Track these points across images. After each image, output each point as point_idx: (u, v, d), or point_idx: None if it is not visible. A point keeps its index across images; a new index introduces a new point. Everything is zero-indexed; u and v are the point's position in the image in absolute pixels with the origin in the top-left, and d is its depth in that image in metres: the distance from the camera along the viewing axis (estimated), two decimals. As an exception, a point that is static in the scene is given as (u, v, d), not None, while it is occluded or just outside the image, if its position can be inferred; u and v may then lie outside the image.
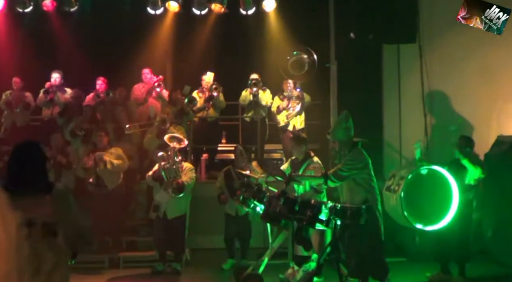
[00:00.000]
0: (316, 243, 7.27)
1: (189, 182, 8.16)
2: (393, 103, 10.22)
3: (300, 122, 10.41)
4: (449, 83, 9.91)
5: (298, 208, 6.05)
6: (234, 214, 8.36)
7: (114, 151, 8.61)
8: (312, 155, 7.72)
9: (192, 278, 8.05)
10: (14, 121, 10.41)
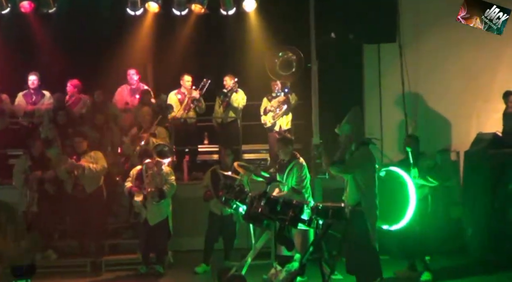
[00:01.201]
0: (299, 242, 7.29)
1: (169, 188, 8.15)
2: (374, 102, 10.28)
3: (287, 123, 10.39)
4: (430, 82, 10.00)
5: (280, 208, 6.06)
6: (219, 213, 8.33)
7: (93, 154, 8.53)
8: (298, 156, 7.73)
9: (174, 281, 8.02)
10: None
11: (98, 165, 8.42)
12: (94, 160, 8.45)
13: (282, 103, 10.27)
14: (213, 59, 11.23)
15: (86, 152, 8.51)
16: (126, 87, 10.58)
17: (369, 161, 6.43)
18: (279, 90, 10.33)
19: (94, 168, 8.37)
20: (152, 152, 8.30)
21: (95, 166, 8.39)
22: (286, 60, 9.91)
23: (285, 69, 9.89)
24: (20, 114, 10.32)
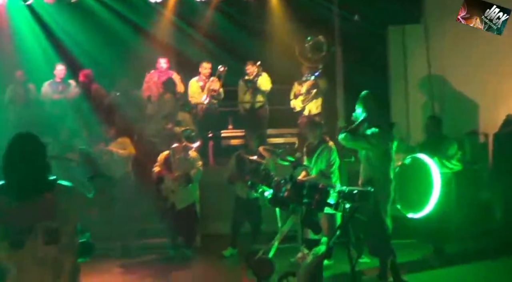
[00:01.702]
0: (326, 226, 7.31)
1: (196, 173, 8.21)
2: (400, 85, 10.19)
3: (316, 107, 10.35)
4: (457, 64, 9.85)
5: (306, 191, 6.06)
6: (244, 197, 8.38)
7: (121, 141, 8.68)
8: (327, 139, 7.71)
9: (203, 264, 8.13)
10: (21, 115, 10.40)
11: (125, 151, 8.54)
12: (121, 146, 8.58)
13: (311, 87, 10.23)
14: (236, 45, 11.22)
15: (114, 139, 8.63)
16: (155, 74, 10.63)
17: (383, 139, 6.43)
18: (309, 75, 10.27)
19: (122, 153, 8.49)
20: (180, 136, 8.37)
21: (123, 151, 8.51)
22: (317, 43, 9.86)
23: (316, 53, 9.85)
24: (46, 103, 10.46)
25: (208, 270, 7.78)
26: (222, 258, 8.29)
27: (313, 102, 10.30)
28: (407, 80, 10.11)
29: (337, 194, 5.95)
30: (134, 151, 8.74)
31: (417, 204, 6.69)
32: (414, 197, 6.69)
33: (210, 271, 7.72)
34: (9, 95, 10.35)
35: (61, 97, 10.35)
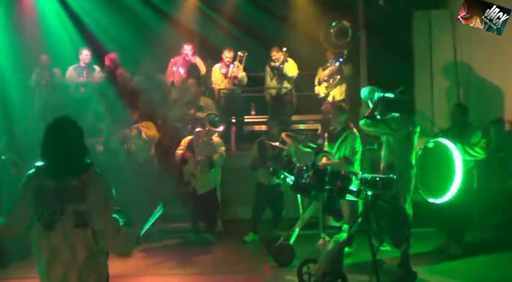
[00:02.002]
0: (347, 213, 7.29)
1: (218, 157, 8.22)
2: (425, 71, 10.04)
3: (341, 93, 10.29)
4: (483, 50, 9.64)
5: (328, 178, 6.05)
6: (266, 183, 8.39)
7: (145, 124, 8.75)
8: (351, 126, 7.67)
9: (224, 249, 8.16)
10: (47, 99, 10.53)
11: (150, 132, 8.62)
12: (146, 129, 8.65)
13: (335, 73, 10.16)
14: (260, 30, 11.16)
15: (137, 122, 8.70)
16: (179, 60, 10.65)
17: (403, 123, 6.40)
18: (333, 60, 10.20)
19: (149, 134, 8.56)
20: (204, 121, 8.39)
21: (148, 132, 8.58)
22: (342, 28, 9.78)
23: (341, 38, 9.76)
24: (71, 87, 10.55)
25: (229, 255, 7.82)
26: (243, 243, 8.34)
27: (337, 88, 10.24)
28: (432, 66, 9.96)
29: (359, 181, 5.93)
30: (157, 135, 8.79)
31: (438, 189, 6.63)
32: (436, 182, 6.64)
33: (231, 256, 7.76)
34: (35, 79, 10.47)
35: (86, 82, 10.44)
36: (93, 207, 3.48)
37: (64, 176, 3.48)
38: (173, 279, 6.74)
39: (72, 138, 3.58)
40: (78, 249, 3.47)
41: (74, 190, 3.45)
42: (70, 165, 3.51)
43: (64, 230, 3.45)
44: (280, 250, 7.08)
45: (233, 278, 6.75)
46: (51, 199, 3.45)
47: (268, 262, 7.25)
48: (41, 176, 3.50)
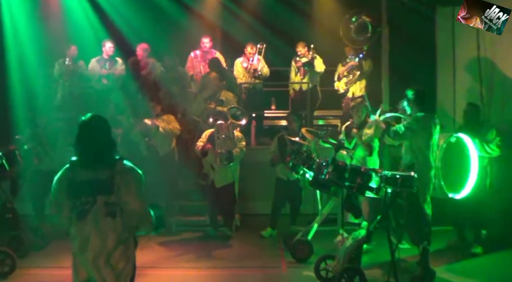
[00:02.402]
0: (366, 210, 7.26)
1: (238, 152, 8.24)
2: (447, 68, 9.92)
3: (360, 89, 10.26)
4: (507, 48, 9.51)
5: (348, 175, 6.02)
6: (285, 178, 8.39)
7: (166, 118, 8.79)
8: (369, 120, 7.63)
9: (241, 243, 8.18)
10: (70, 90, 10.62)
11: (170, 126, 8.66)
12: (167, 123, 8.70)
13: (354, 68, 10.12)
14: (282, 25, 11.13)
15: (159, 115, 8.75)
16: (198, 53, 10.67)
17: (426, 124, 6.34)
18: (353, 56, 10.16)
19: (167, 127, 8.61)
20: (226, 114, 8.40)
21: (169, 126, 8.63)
22: (362, 24, 9.72)
23: (361, 34, 9.70)
24: (94, 79, 10.64)
25: (246, 250, 7.84)
26: (261, 238, 8.35)
27: (357, 84, 10.21)
28: (455, 63, 9.83)
29: (379, 178, 5.90)
30: (178, 128, 8.83)
31: (457, 184, 6.65)
32: (456, 177, 6.65)
33: (248, 251, 7.78)
34: (58, 69, 10.55)
35: (108, 74, 10.50)
36: (123, 198, 3.78)
37: (95, 170, 3.80)
38: (191, 272, 6.77)
39: (102, 136, 3.91)
40: (108, 237, 3.77)
41: (105, 183, 3.77)
42: (100, 160, 3.83)
43: (95, 219, 3.76)
44: (298, 246, 7.08)
45: (250, 273, 6.76)
46: (84, 191, 3.78)
47: (285, 257, 7.26)
48: (75, 170, 3.84)
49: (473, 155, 6.83)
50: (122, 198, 3.79)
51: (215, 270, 6.87)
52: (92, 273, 3.82)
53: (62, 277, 6.53)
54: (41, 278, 6.53)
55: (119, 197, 3.78)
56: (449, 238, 7.76)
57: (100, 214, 3.76)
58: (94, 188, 3.77)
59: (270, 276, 6.68)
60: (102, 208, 3.76)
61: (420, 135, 6.35)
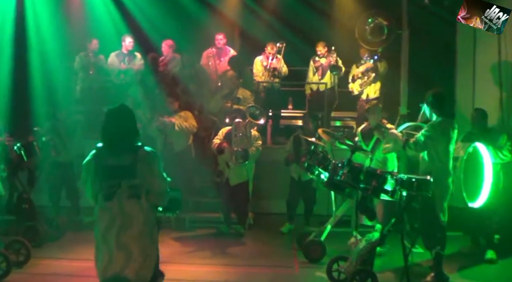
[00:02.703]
0: (381, 213, 7.23)
1: (254, 151, 8.26)
2: (467, 71, 9.82)
3: (375, 91, 10.25)
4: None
5: (363, 177, 6.00)
6: (297, 178, 8.40)
7: (183, 114, 8.84)
8: (385, 123, 7.59)
9: (254, 241, 8.20)
10: (90, 83, 10.71)
11: (187, 123, 8.70)
12: (184, 119, 8.74)
13: (370, 70, 10.10)
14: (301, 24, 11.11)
15: (176, 112, 8.79)
16: (212, 51, 10.70)
17: (442, 133, 6.25)
18: (368, 58, 10.14)
19: (184, 125, 8.65)
20: (245, 113, 8.41)
21: (185, 124, 8.67)
22: (378, 26, 9.69)
23: (376, 36, 9.67)
24: (113, 73, 10.70)
25: (259, 248, 7.86)
26: (274, 237, 8.36)
27: (372, 86, 10.19)
28: (475, 67, 9.73)
29: (394, 181, 5.87)
30: (195, 125, 8.87)
31: (474, 193, 6.60)
32: (473, 186, 6.60)
33: (261, 250, 7.80)
34: (79, 62, 10.62)
35: (127, 68, 10.58)
36: (145, 181, 4.12)
37: (120, 156, 4.13)
38: (204, 269, 6.81)
39: (127, 124, 4.22)
40: (132, 217, 4.09)
41: (128, 167, 4.10)
42: (124, 147, 4.16)
43: (120, 201, 4.09)
44: (311, 246, 7.08)
45: (263, 272, 6.78)
46: (110, 175, 4.12)
47: (298, 257, 7.26)
48: (101, 155, 4.16)
49: (488, 163, 6.77)
50: (145, 180, 4.11)
51: (228, 267, 6.90)
52: (116, 257, 4.06)
53: (76, 269, 6.64)
54: (55, 269, 6.60)
55: (142, 180, 4.11)
56: (462, 243, 7.70)
57: (125, 196, 4.08)
58: (118, 172, 4.10)
59: (282, 275, 6.69)
60: (127, 191, 4.08)
61: (438, 141, 6.27)
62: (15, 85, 10.44)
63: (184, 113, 8.89)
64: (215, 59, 10.57)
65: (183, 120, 8.75)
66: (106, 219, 4.12)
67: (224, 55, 10.56)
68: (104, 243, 4.10)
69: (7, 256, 6.18)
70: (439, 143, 6.23)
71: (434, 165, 6.21)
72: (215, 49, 10.63)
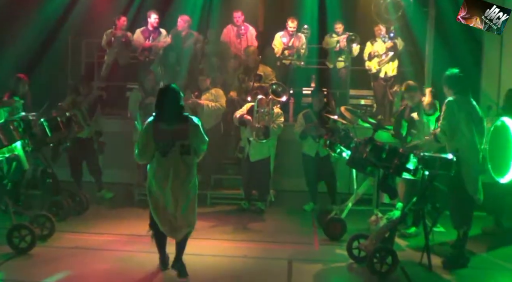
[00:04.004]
0: (402, 192, 7.19)
1: (276, 128, 8.23)
2: (494, 53, 9.67)
3: (392, 69, 10.16)
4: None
5: (385, 155, 5.97)
6: (312, 155, 8.37)
7: (214, 92, 8.87)
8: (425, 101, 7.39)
9: (275, 218, 8.23)
10: (116, 59, 10.74)
11: (217, 103, 8.72)
12: (214, 98, 8.77)
13: (389, 49, 9.99)
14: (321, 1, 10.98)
15: (208, 89, 8.81)
16: (232, 28, 10.65)
17: (459, 110, 6.11)
18: (384, 35, 10.04)
19: (212, 106, 8.66)
20: (267, 90, 8.38)
21: (214, 104, 8.68)
22: (393, 3, 9.56)
23: (392, 12, 9.56)
24: (138, 50, 10.72)
25: (279, 225, 7.89)
26: (295, 214, 8.39)
27: (390, 64, 10.08)
28: (502, 46, 9.57)
29: (417, 160, 5.83)
30: (225, 105, 8.86)
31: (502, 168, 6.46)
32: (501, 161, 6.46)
33: (281, 226, 7.83)
34: (107, 40, 10.65)
35: (151, 46, 10.57)
36: (192, 141, 5.42)
37: (173, 122, 5.39)
38: (224, 244, 6.86)
39: (177, 100, 5.45)
40: (183, 169, 5.41)
41: (180, 131, 5.39)
42: (176, 115, 5.43)
43: (174, 156, 5.37)
44: (331, 224, 7.08)
45: (283, 248, 6.80)
46: (165, 137, 5.36)
47: (318, 234, 7.27)
48: (158, 122, 5.40)
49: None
50: (192, 141, 5.40)
51: (248, 243, 6.94)
52: (169, 200, 5.40)
53: (99, 242, 6.75)
54: (78, 242, 6.70)
55: (191, 141, 5.39)
56: (484, 224, 7.61)
57: (178, 153, 5.35)
58: (173, 134, 5.36)
59: (302, 252, 6.70)
60: (179, 148, 5.35)
61: (457, 120, 6.13)
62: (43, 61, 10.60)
63: (215, 90, 8.91)
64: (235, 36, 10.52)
65: (214, 99, 8.75)
66: (162, 171, 5.38)
67: (243, 33, 10.49)
68: (160, 189, 5.41)
69: (32, 230, 6.28)
70: (459, 121, 6.11)
71: (460, 143, 6.10)
72: (235, 27, 10.58)
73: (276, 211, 8.59)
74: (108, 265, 5.96)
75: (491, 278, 6.06)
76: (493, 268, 6.27)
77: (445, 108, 6.18)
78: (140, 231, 6.87)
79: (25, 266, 5.89)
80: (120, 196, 9.07)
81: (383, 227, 6.02)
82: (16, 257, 6.09)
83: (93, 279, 5.62)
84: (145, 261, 6.06)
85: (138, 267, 5.93)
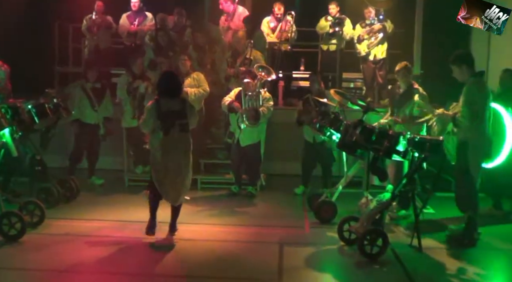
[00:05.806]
0: (392, 174, 7.21)
1: (265, 111, 8.21)
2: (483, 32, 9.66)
3: (382, 52, 10.16)
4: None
5: (375, 137, 5.98)
6: (311, 141, 8.37)
7: (196, 76, 8.76)
8: (416, 86, 7.41)
9: (265, 202, 8.24)
10: (97, 44, 10.66)
11: (200, 89, 8.65)
12: (197, 82, 8.68)
13: (378, 31, 9.97)
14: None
15: (188, 74, 8.72)
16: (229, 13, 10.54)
17: (479, 91, 6.11)
18: (373, 18, 10.04)
19: (196, 93, 8.60)
20: (254, 73, 8.32)
21: (197, 91, 8.62)
22: None
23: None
24: (123, 34, 10.63)
25: (270, 209, 7.89)
26: (285, 197, 8.41)
27: (379, 47, 10.07)
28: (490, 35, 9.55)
29: (407, 142, 5.84)
30: (208, 89, 8.79)
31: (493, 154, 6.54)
32: None
33: (272, 210, 7.83)
34: (86, 25, 10.58)
35: (137, 30, 10.49)
36: (189, 120, 6.22)
37: (174, 104, 6.14)
38: (215, 229, 6.85)
39: (177, 82, 6.33)
40: (181, 145, 6.20)
41: (179, 112, 6.14)
42: (175, 98, 6.17)
43: (174, 134, 6.12)
44: (322, 207, 7.09)
45: (274, 232, 6.81)
46: (167, 117, 6.08)
47: (309, 218, 7.29)
48: (160, 104, 6.11)
49: (509, 124, 6.70)
50: (189, 119, 6.18)
51: (239, 227, 6.93)
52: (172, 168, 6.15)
53: (89, 229, 6.72)
54: (68, 229, 6.67)
55: (188, 120, 6.17)
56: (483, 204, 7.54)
57: (178, 131, 6.11)
58: (173, 115, 6.09)
59: (293, 235, 6.72)
60: (179, 127, 6.10)
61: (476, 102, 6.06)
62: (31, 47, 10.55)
63: (196, 74, 8.79)
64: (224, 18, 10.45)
65: (196, 84, 8.68)
66: (165, 146, 6.11)
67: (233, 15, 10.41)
68: (164, 160, 6.13)
69: (22, 217, 6.24)
70: (479, 104, 6.08)
71: (472, 125, 6.07)
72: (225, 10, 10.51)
73: (266, 195, 8.60)
74: (99, 251, 5.94)
75: (483, 257, 6.08)
76: (484, 248, 6.27)
77: (465, 96, 6.10)
78: (131, 217, 6.84)
79: (16, 253, 5.85)
80: (111, 182, 9.05)
81: (373, 209, 6.04)
82: (6, 244, 6.06)
83: (84, 265, 5.61)
84: (136, 246, 6.07)
85: (129, 252, 5.93)
